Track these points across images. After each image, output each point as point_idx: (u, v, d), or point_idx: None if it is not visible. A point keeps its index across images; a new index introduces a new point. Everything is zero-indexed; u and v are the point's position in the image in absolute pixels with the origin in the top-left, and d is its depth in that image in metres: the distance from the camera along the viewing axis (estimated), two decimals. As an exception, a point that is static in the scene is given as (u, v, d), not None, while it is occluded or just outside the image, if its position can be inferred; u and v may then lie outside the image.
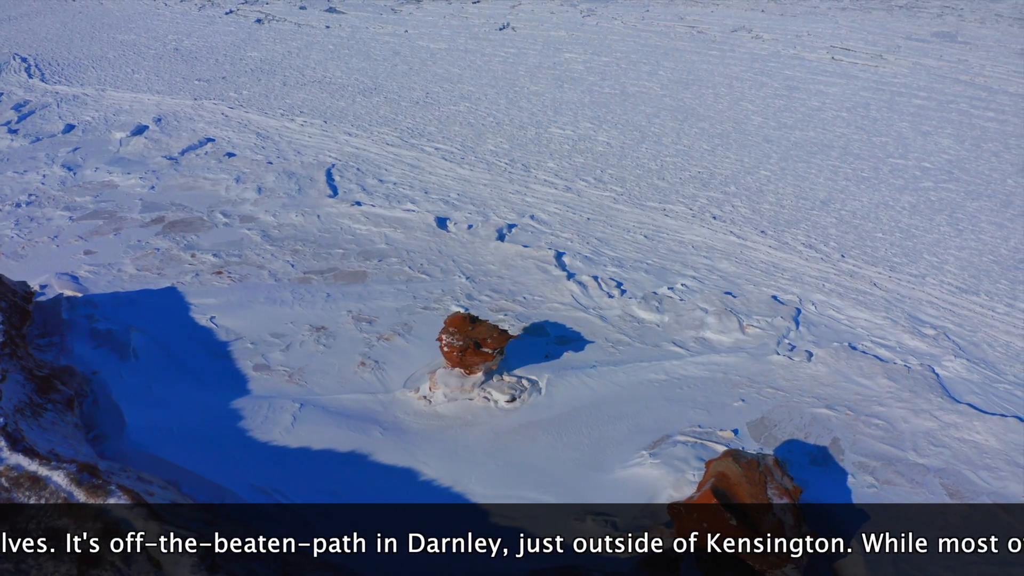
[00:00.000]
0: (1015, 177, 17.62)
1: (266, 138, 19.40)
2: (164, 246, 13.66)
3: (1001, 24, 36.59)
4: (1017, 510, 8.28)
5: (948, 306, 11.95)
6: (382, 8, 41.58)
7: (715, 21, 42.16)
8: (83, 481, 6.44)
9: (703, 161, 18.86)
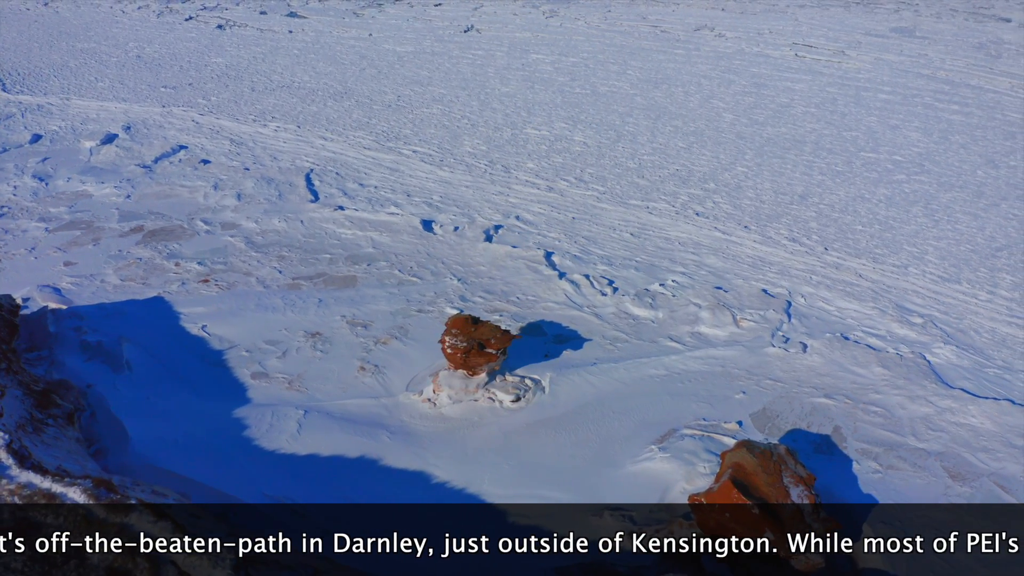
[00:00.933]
0: (984, 168, 18.08)
1: (240, 144, 19.15)
2: (146, 255, 13.41)
3: (956, 18, 37.57)
4: (1017, 489, 8.51)
5: (932, 295, 12.23)
6: (344, 12, 41.33)
7: (677, 20, 42.66)
8: (102, 496, 6.28)
9: (680, 159, 19.05)
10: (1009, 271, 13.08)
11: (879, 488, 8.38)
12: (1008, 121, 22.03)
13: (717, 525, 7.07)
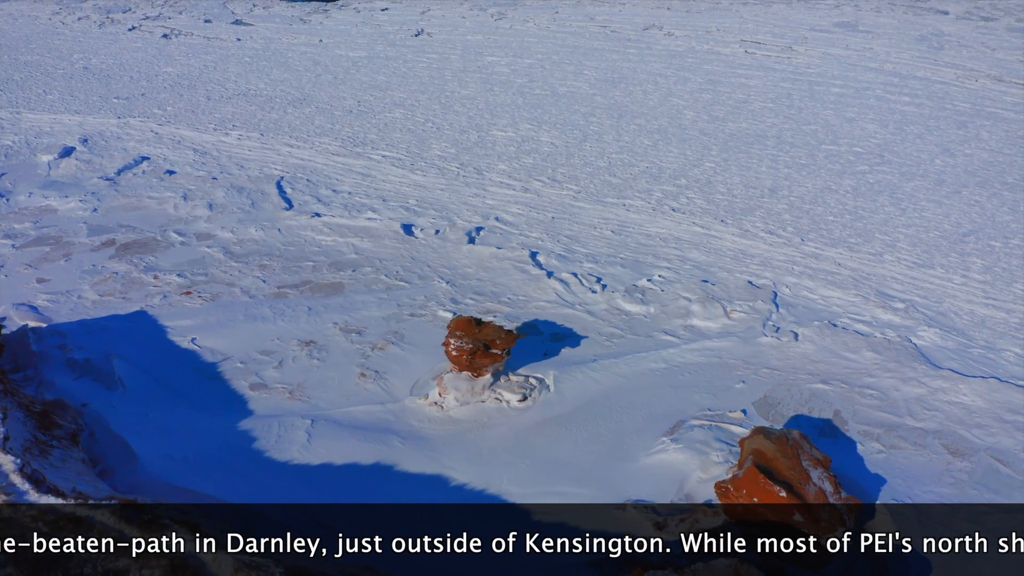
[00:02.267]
0: (941, 157, 18.72)
1: (204, 154, 18.77)
2: (122, 269, 13.07)
3: (896, 12, 38.75)
4: (1013, 462, 8.84)
5: (910, 280, 12.61)
6: (290, 19, 40.81)
7: (625, 20, 43.11)
8: (133, 518, 6.12)
9: (648, 156, 19.29)
10: (978, 255, 13.56)
11: (885, 467, 8.62)
12: (958, 111, 22.83)
13: (745, 510, 7.20)
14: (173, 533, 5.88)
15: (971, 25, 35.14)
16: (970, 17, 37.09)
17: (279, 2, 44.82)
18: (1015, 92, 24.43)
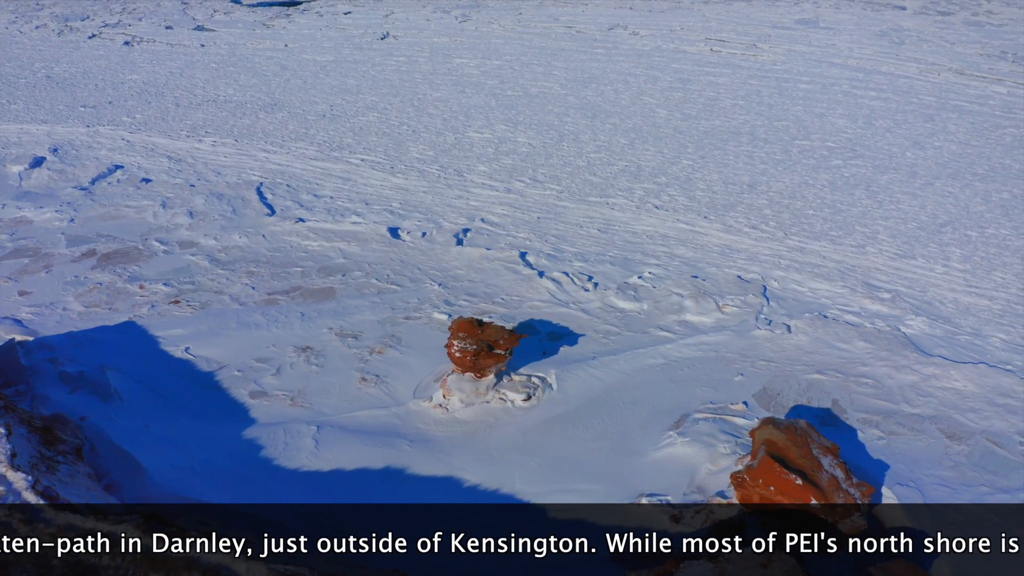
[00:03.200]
0: (912, 150, 19.14)
1: (179, 161, 18.51)
2: (106, 280, 12.85)
3: (855, 8, 39.50)
4: (1008, 444, 9.09)
5: (894, 271, 12.89)
6: (253, 24, 40.37)
7: (589, 20, 43.37)
8: (160, 531, 6.03)
9: (626, 155, 19.44)
10: (956, 245, 13.90)
11: (886, 453, 8.81)
12: (924, 104, 23.37)
13: (762, 499, 7.30)
14: (203, 544, 5.81)
15: (929, 20, 35.97)
16: (927, 12, 37.96)
17: (241, 7, 44.32)
18: (977, 85, 25.07)
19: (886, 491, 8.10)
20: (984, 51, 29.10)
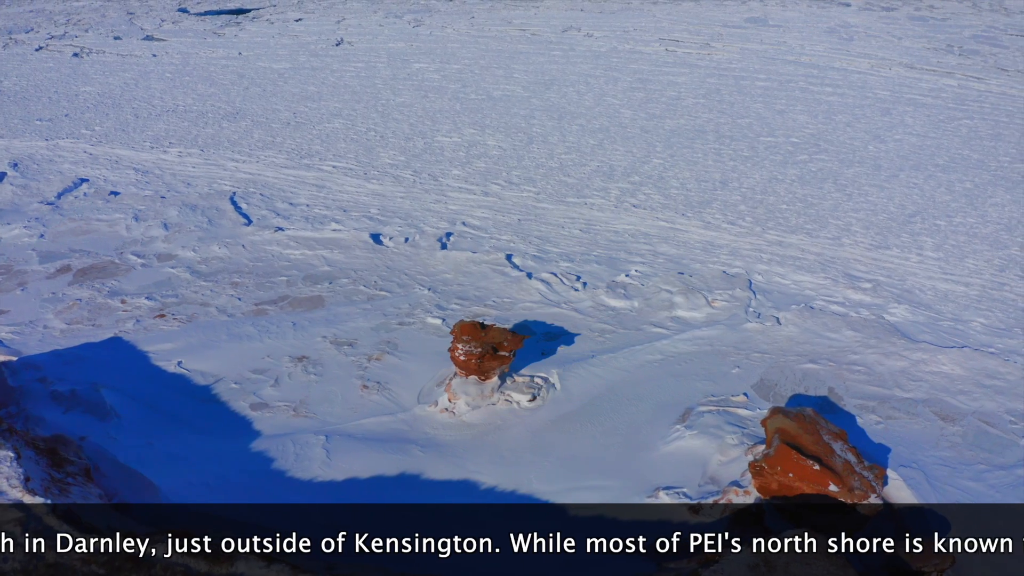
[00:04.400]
0: (873, 144, 19.69)
1: (146, 172, 18.15)
2: (85, 296, 12.55)
3: (801, 6, 40.45)
4: (999, 423, 9.44)
5: (872, 261, 13.27)
6: (203, 32, 39.71)
7: (542, 23, 43.64)
8: (196, 551, 5.93)
9: (596, 156, 19.64)
10: (927, 234, 14.36)
11: (886, 437, 9.06)
12: (879, 99, 24.05)
13: (780, 487, 7.47)
14: (242, 562, 5.74)
15: (874, 16, 37.01)
16: (872, 8, 39.05)
17: (189, 16, 43.55)
18: (928, 79, 25.89)
19: (890, 473, 8.35)
20: (931, 45, 30.07)
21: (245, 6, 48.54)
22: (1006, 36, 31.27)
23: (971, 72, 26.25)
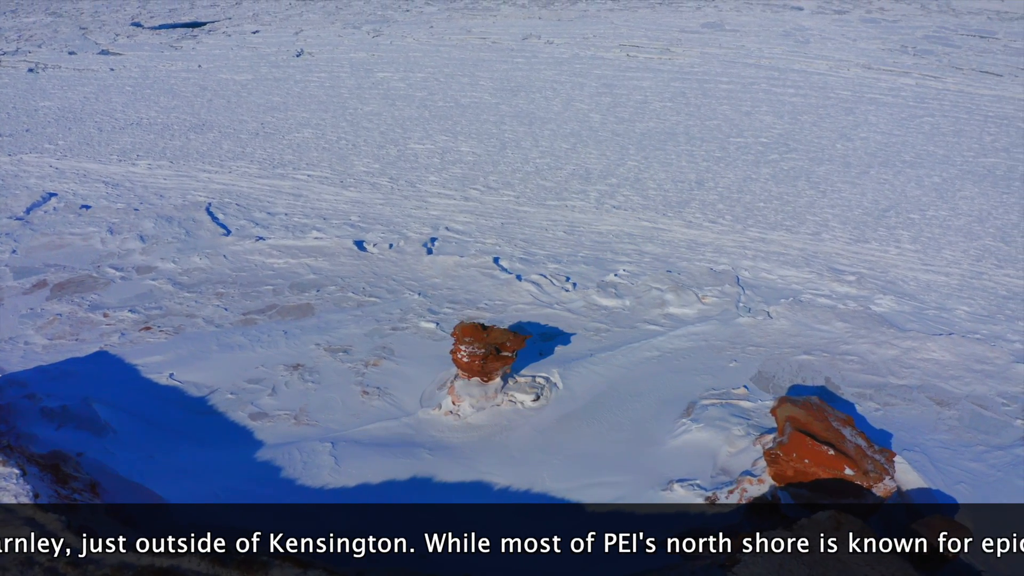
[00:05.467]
0: (841, 142, 20.12)
1: (116, 185, 17.77)
2: (65, 310, 12.22)
3: (755, 11, 41.20)
4: (992, 406, 9.68)
5: (853, 254, 13.53)
6: (160, 46, 39.10)
7: (502, 31, 43.80)
8: (227, 560, 5.79)
9: (571, 159, 19.74)
10: (903, 228, 14.70)
11: (886, 423, 9.24)
12: (841, 99, 24.58)
13: (796, 473, 7.56)
14: (276, 570, 5.62)
15: (827, 19, 37.87)
16: (824, 11, 39.95)
17: (143, 30, 42.82)
18: (886, 78, 26.55)
19: (895, 456, 8.51)
20: (885, 46, 30.84)
21: (199, 19, 47.92)
22: (957, 36, 32.22)
23: (927, 71, 26.99)
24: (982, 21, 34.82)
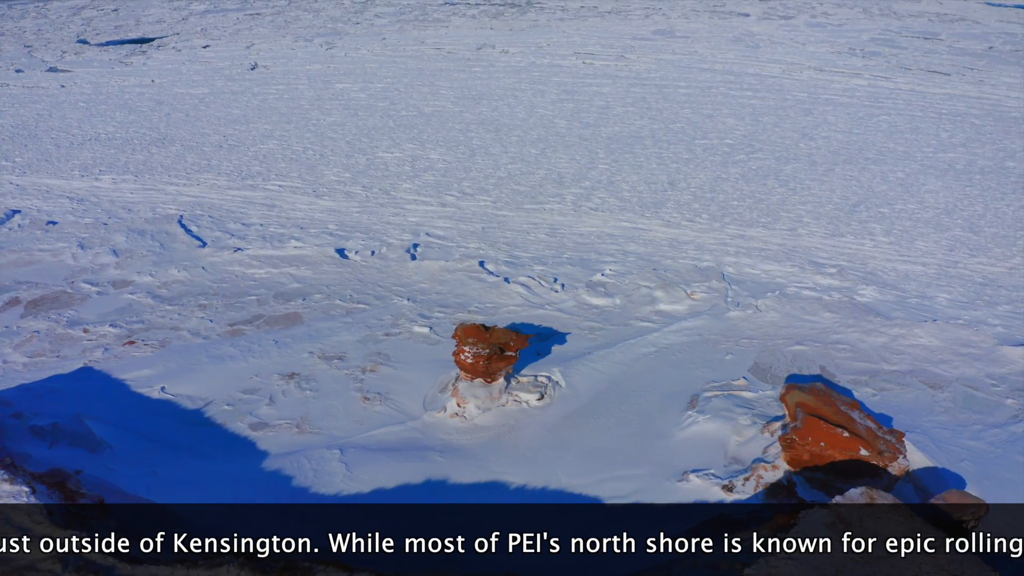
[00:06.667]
0: (804, 141, 20.60)
1: (81, 201, 17.30)
2: (43, 327, 11.86)
3: (702, 17, 41.95)
4: (982, 387, 9.98)
5: (831, 248, 13.85)
6: (109, 62, 38.17)
7: (455, 41, 43.80)
8: (269, 568, 5.66)
9: (542, 164, 19.84)
10: (874, 221, 15.10)
11: (885, 407, 9.45)
12: (798, 100, 25.18)
13: (812, 456, 7.69)
14: (324, 574, 5.52)
15: (774, 24, 38.75)
16: (770, 17, 40.88)
17: (90, 47, 41.81)
18: (839, 79, 27.28)
19: (902, 440, 8.72)
20: (834, 49, 31.70)
21: (147, 35, 46.96)
22: (902, 38, 33.30)
23: (877, 72, 27.82)
24: (924, 23, 36.06)
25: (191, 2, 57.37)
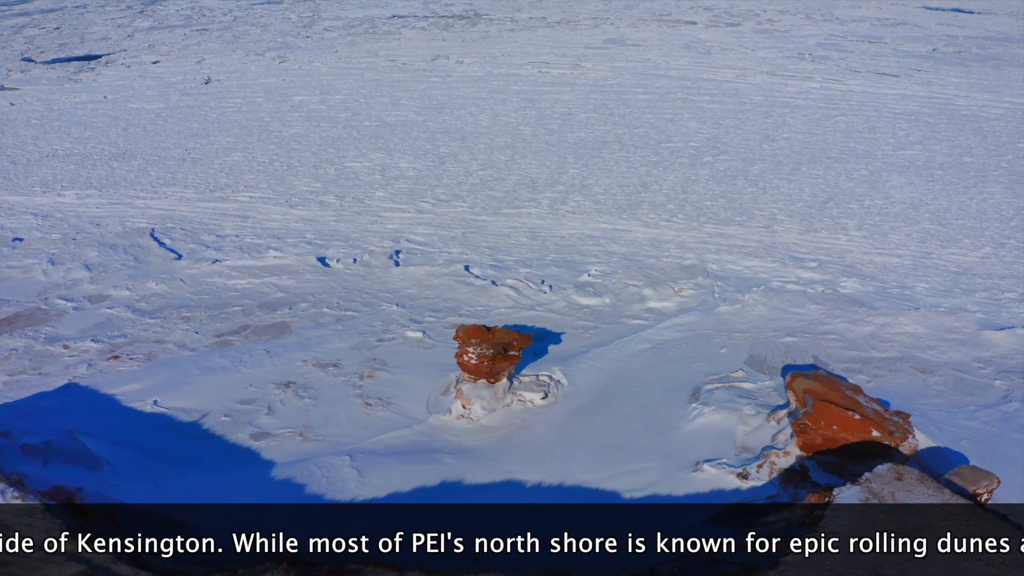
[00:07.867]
0: (767, 143, 21.05)
1: (46, 217, 16.81)
2: (20, 344, 11.47)
3: (651, 26, 42.61)
4: (970, 370, 10.30)
5: (808, 243, 14.17)
6: (58, 79, 37.14)
7: (409, 53, 43.72)
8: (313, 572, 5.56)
9: (513, 170, 19.91)
10: (846, 217, 15.51)
11: (881, 392, 9.67)
12: (755, 103, 25.73)
13: (824, 440, 7.85)
14: (371, 571, 5.44)
15: (722, 32, 39.57)
16: (717, 25, 41.73)
17: (36, 65, 40.67)
18: (792, 83, 27.96)
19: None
20: (783, 54, 32.49)
21: (93, 52, 45.87)
22: (847, 42, 34.29)
23: (828, 75, 28.60)
24: (867, 27, 37.18)
25: (134, 19, 56.32)
